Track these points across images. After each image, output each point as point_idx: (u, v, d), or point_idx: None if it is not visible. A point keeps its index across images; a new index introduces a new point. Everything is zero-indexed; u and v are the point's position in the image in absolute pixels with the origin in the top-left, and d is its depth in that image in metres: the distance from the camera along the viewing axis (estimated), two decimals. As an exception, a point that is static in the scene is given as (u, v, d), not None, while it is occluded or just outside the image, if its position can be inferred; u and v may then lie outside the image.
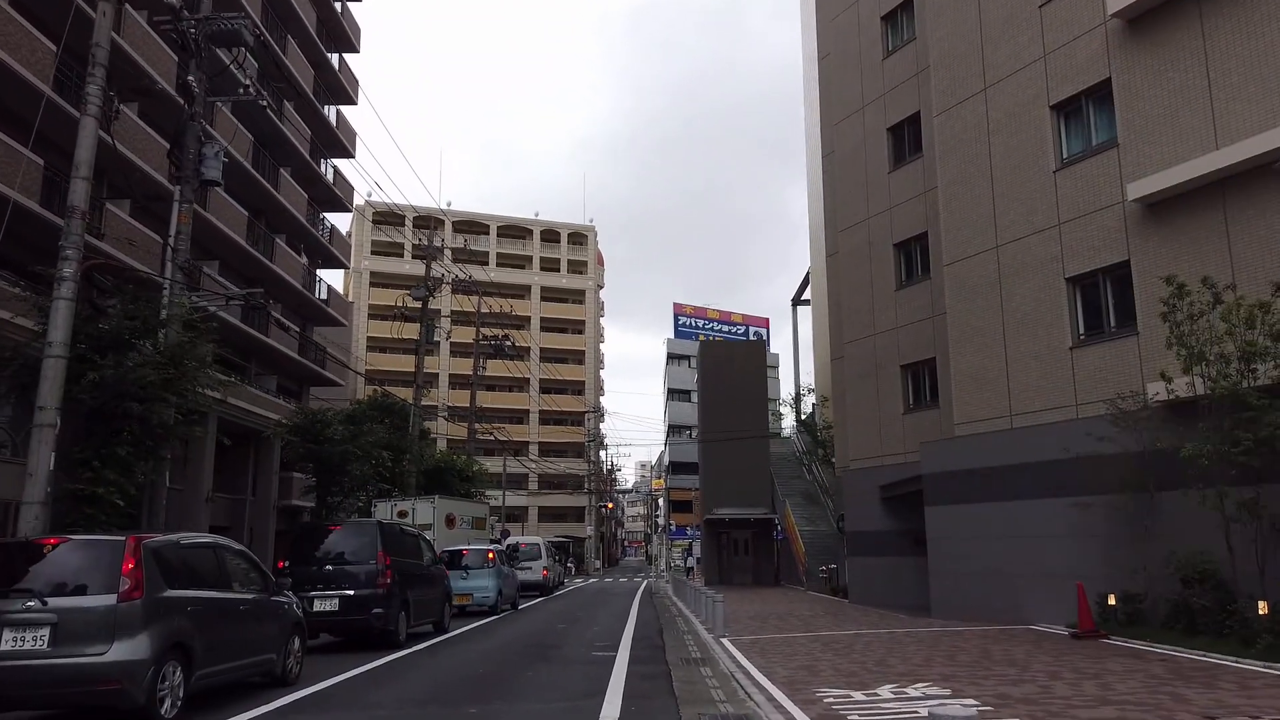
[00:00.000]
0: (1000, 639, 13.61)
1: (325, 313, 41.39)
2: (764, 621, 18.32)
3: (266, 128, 35.27)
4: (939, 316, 21.42)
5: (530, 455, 75.89)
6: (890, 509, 22.82)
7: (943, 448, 18.20)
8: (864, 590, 23.46)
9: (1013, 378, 16.63)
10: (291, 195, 37.24)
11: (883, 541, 22.93)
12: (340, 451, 24.41)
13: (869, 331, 23.81)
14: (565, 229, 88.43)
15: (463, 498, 29.43)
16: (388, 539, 13.65)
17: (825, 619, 18.71)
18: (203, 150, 17.95)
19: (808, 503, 38.89)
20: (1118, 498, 13.83)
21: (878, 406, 23.41)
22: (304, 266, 39.15)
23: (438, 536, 25.06)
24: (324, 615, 13.10)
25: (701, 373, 42.30)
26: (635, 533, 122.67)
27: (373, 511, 25.75)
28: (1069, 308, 15.81)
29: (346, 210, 44.89)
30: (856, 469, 24.03)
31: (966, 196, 17.89)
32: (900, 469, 22.13)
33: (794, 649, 13.07)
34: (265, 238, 35.69)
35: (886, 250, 23.41)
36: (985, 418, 17.13)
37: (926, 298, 22.01)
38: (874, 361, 23.58)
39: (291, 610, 9.89)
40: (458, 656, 12.74)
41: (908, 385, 22.77)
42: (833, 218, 27.36)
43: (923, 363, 22.16)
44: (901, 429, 22.59)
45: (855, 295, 24.46)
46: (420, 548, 15.57)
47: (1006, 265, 16.90)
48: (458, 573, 21.36)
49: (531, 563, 31.48)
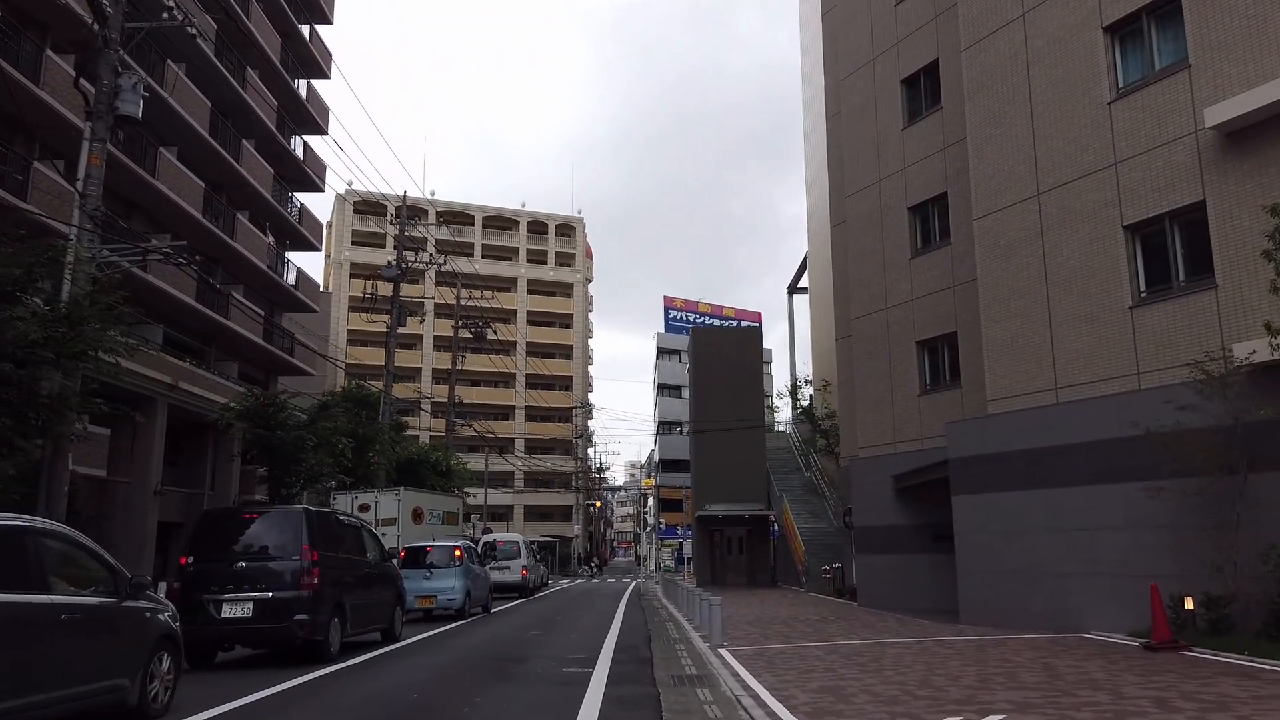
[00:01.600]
0: (1057, 651, 11.29)
1: (293, 297, 38.89)
2: (766, 628, 15.96)
3: (229, 95, 32.78)
4: (962, 285, 19.13)
5: (516, 452, 73.43)
6: (904, 501, 20.50)
7: (973, 428, 15.87)
8: (874, 592, 21.13)
9: (1058, 345, 14.31)
10: (256, 169, 34.73)
11: (896, 537, 20.61)
12: (294, 438, 21.98)
13: (880, 305, 21.50)
14: (553, 220, 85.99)
15: (432, 491, 27.00)
16: (317, 530, 11.23)
17: (836, 625, 16.36)
18: (119, 82, 15.45)
19: (807, 498, 36.56)
20: (1197, 480, 11.51)
21: (890, 388, 21.09)
22: (270, 247, 36.64)
23: (403, 532, 22.70)
24: (234, 623, 10.67)
25: (693, 361, 39.92)
26: (625, 533, 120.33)
27: (331, 504, 23.35)
28: (1128, 260, 13.49)
29: (319, 189, 42.36)
30: (866, 458, 21.70)
31: (1001, 139, 15.57)
32: (916, 456, 19.82)
33: (809, 663, 10.71)
34: (226, 213, 33.21)
35: (900, 214, 21.10)
36: (1024, 392, 14.81)
37: (946, 265, 19.72)
38: (886, 338, 21.26)
39: (157, 620, 7.48)
40: (399, 675, 10.34)
41: (924, 363, 20.45)
42: (839, 184, 25.05)
43: (942, 338, 19.85)
44: (917, 412, 20.27)
45: (864, 266, 22.14)
46: (364, 542, 13.16)
47: (1050, 215, 14.58)
48: (419, 572, 18.98)
49: (510, 562, 29.10)
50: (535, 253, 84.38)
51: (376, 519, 22.93)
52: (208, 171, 31.94)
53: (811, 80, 39.81)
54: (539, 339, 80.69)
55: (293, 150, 39.59)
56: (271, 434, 21.94)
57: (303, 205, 40.41)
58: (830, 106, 26.06)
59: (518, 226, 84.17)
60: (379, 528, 22.93)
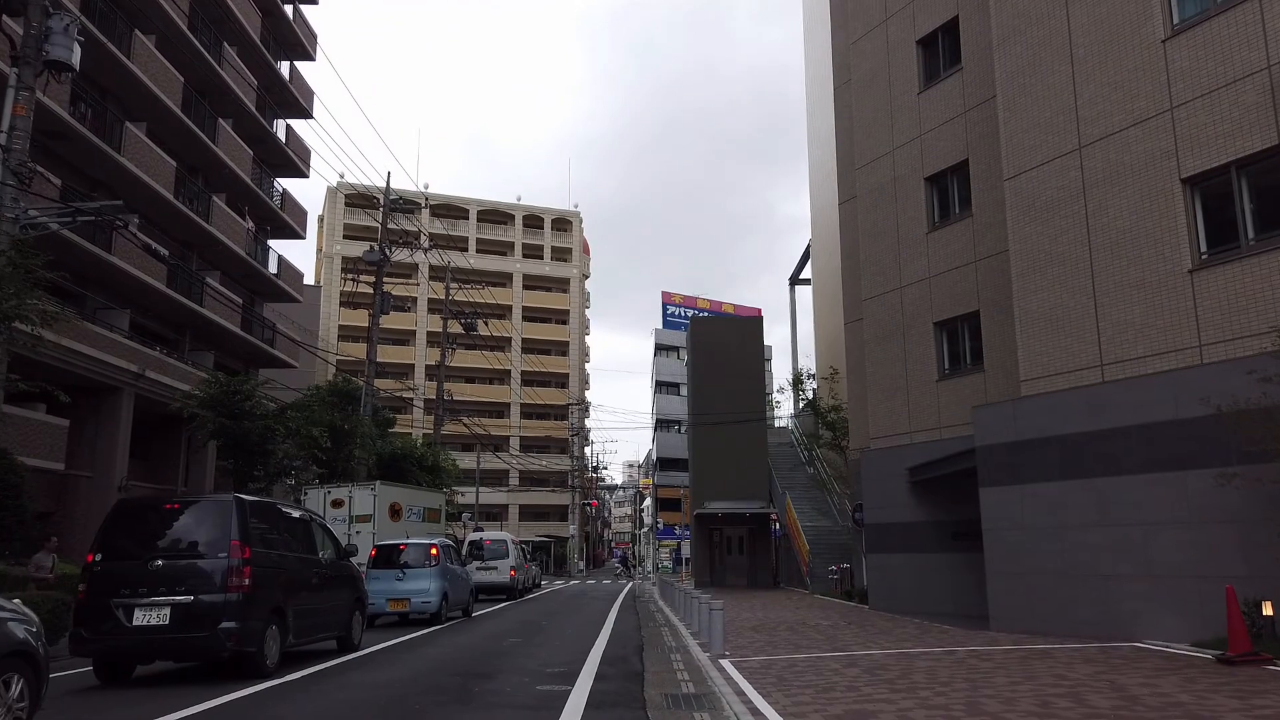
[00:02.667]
0: (1115, 664, 9.65)
1: (275, 286, 37.22)
2: (773, 634, 14.32)
3: (205, 73, 31.14)
4: (985, 260, 17.53)
5: (511, 450, 71.77)
6: (921, 496, 18.87)
7: (1004, 413, 14.22)
8: (887, 594, 19.49)
9: (1104, 316, 12.67)
10: (234, 151, 33.06)
11: (912, 535, 18.98)
12: (261, 428, 20.39)
13: (893, 285, 19.87)
14: (549, 214, 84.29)
15: (414, 486, 25.34)
16: (250, 523, 9.55)
17: (850, 631, 14.72)
18: (49, 24, 13.81)
19: (810, 495, 34.91)
20: (1278, 466, 9.88)
21: (904, 374, 19.47)
22: (250, 232, 34.96)
23: (379, 530, 21.06)
24: (147, 632, 9.00)
25: (692, 352, 38.25)
26: (622, 533, 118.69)
27: (302, 500, 21.73)
28: (1186, 218, 11.86)
29: (303, 175, 40.70)
30: (878, 450, 20.07)
31: (1037, 88, 13.93)
32: (933, 447, 18.20)
33: (827, 680, 9.07)
34: (201, 196, 31.56)
35: (915, 186, 19.48)
36: (1064, 370, 13.17)
37: (966, 239, 18.10)
38: (900, 320, 19.64)
39: (6, 631, 5.83)
40: (338, 695, 8.70)
41: (942, 346, 18.82)
42: (848, 158, 23.42)
43: (962, 318, 18.23)
44: (935, 399, 18.65)
45: (876, 243, 20.51)
46: (314, 538, 11.49)
47: (1094, 170, 12.95)
48: (392, 573, 17.34)
49: (497, 562, 27.46)
50: (531, 247, 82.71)
51: (350, 515, 21.30)
52: (181, 151, 30.32)
53: (815, 54, 38.19)
54: (535, 335, 79.04)
55: (274, 133, 37.95)
56: (237, 423, 20.35)
57: (285, 190, 38.77)
58: (838, 75, 24.43)
59: (513, 221, 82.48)
60: (353, 525, 21.34)
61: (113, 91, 27.45)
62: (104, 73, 26.05)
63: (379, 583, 17.21)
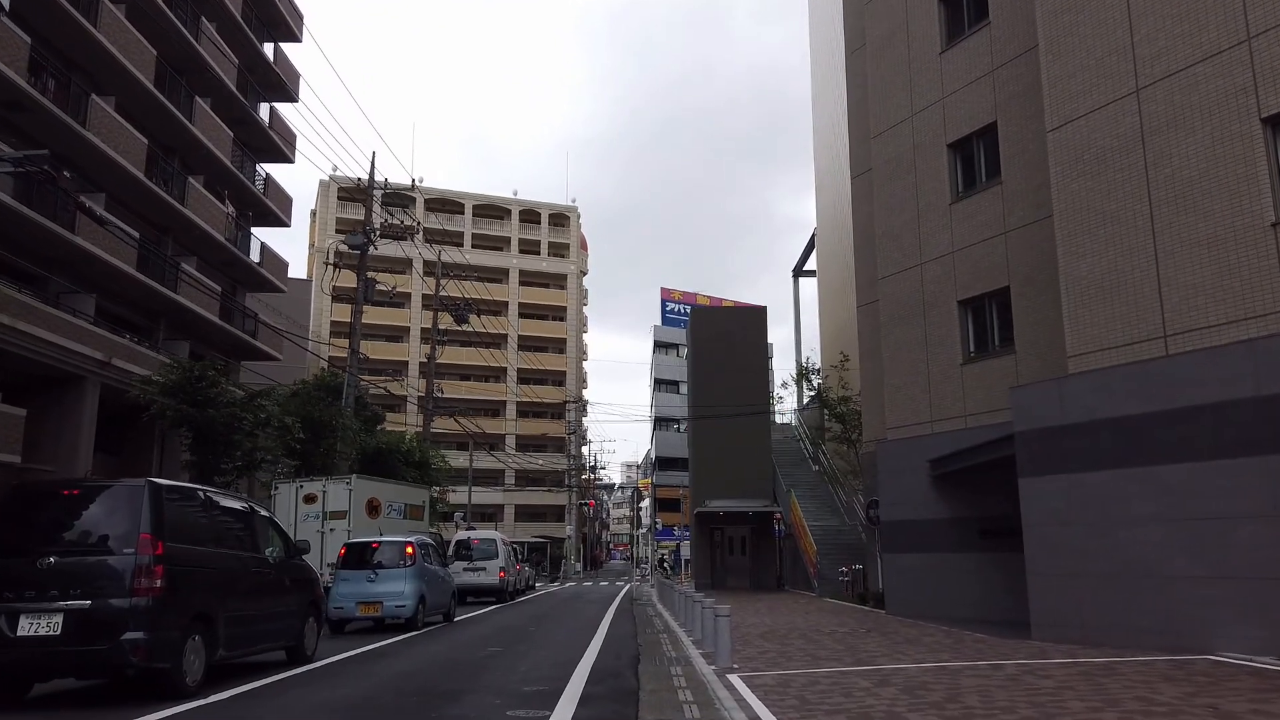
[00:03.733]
0: (1203, 684, 8.07)
1: (258, 275, 35.58)
2: (785, 643, 12.74)
3: (181, 48, 29.53)
4: (1016, 230, 15.97)
5: (507, 449, 70.17)
6: (944, 490, 17.29)
7: (1047, 393, 12.62)
8: (906, 597, 17.89)
9: (1168, 279, 11.09)
10: (212, 131, 31.41)
11: (934, 533, 17.39)
12: (226, 416, 18.81)
13: (913, 261, 18.30)
14: (546, 209, 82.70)
15: (395, 481, 23.74)
16: (166, 513, 7.95)
17: (872, 640, 13.12)
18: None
19: (816, 493, 33.32)
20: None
21: (925, 358, 17.89)
22: (230, 217, 33.34)
23: (355, 527, 19.48)
24: (35, 644, 7.40)
25: (692, 344, 36.65)
26: (621, 535, 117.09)
27: (273, 494, 20.17)
28: (1269, 162, 10.28)
29: (288, 160, 39.04)
30: (896, 441, 18.48)
31: (1085, 26, 12.35)
32: (958, 436, 16.62)
33: (859, 701, 7.48)
34: (176, 178, 29.96)
35: (938, 153, 17.91)
36: (1119, 343, 11.59)
37: (995, 208, 16.53)
38: (920, 300, 18.06)
39: None
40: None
41: (968, 326, 17.25)
42: (861, 128, 21.86)
43: (990, 295, 16.66)
44: (960, 384, 17.07)
45: (893, 217, 18.94)
46: (257, 532, 9.88)
47: (1155, 114, 11.37)
48: (362, 574, 15.75)
49: (486, 563, 25.87)
50: (528, 243, 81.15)
51: (324, 511, 19.72)
52: (155, 130, 28.72)
53: (821, 24, 36.58)
54: (531, 332, 77.43)
55: (257, 116, 36.33)
56: (200, 411, 18.76)
57: (269, 175, 37.17)
58: (851, 41, 22.86)
59: (509, 215, 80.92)
60: (327, 521, 19.77)
61: (79, 64, 25.86)
62: (69, 43, 24.51)
63: (349, 585, 15.64)
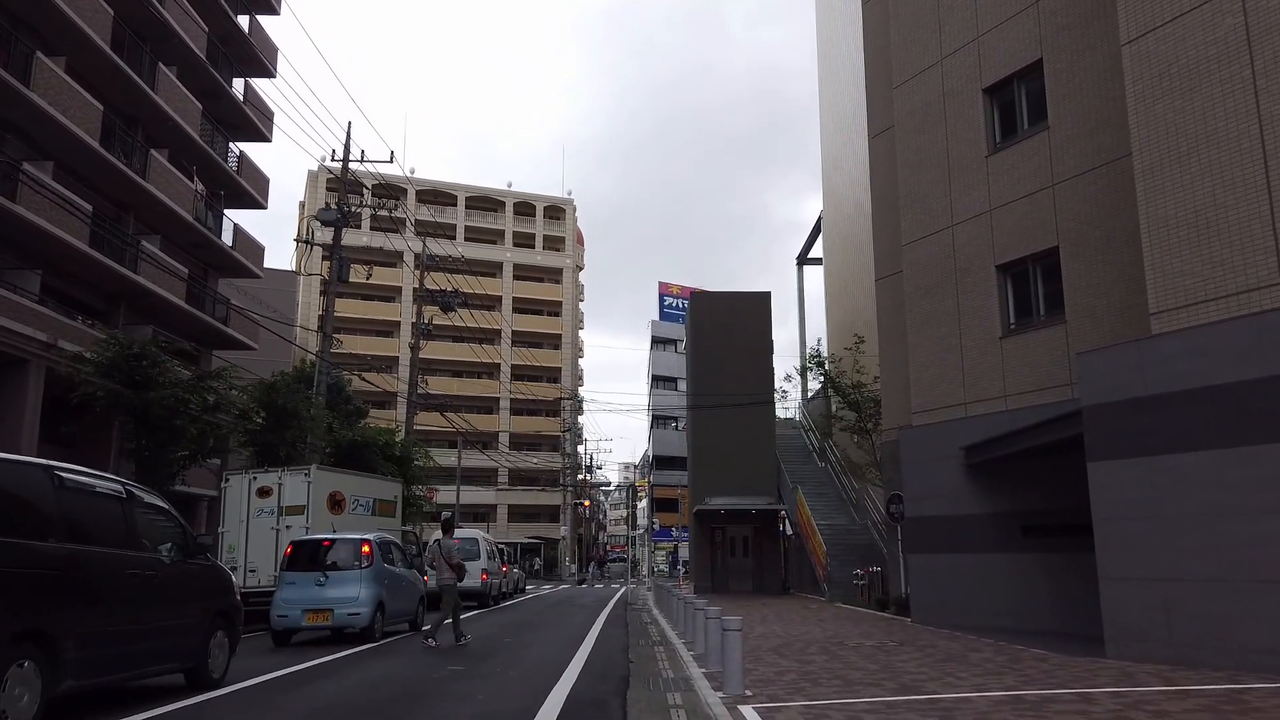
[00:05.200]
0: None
1: (230, 258, 33.47)
2: (804, 659, 10.59)
3: (144, 11, 27.40)
4: (1065, 182, 13.87)
5: (500, 448, 67.96)
6: (979, 481, 15.16)
7: (1124, 359, 10.46)
8: (936, 604, 15.74)
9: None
10: (179, 102, 29.26)
11: (967, 530, 15.25)
12: (168, 398, 16.67)
13: (943, 223, 16.17)
14: (541, 201, 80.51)
15: (364, 473, 21.56)
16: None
17: (907, 655, 10.97)
18: None
19: (824, 491, 31.20)
20: None
21: (957, 331, 15.76)
22: (199, 196, 31.19)
23: (316, 524, 17.30)
24: None
25: (692, 331, 34.46)
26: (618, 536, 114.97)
27: (224, 487, 18.02)
28: None
29: (265, 139, 36.93)
30: (922, 427, 16.34)
31: (1169, -85, 10.23)
32: (997, 420, 14.51)
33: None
34: (138, 150, 27.84)
35: (971, 100, 15.80)
36: (1220, 294, 9.45)
37: (1040, 158, 14.41)
38: (951, 266, 15.94)
39: None
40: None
41: (1007, 294, 15.13)
42: (881, 82, 19.76)
43: (1034, 257, 14.55)
44: (999, 361, 14.94)
45: (920, 175, 16.81)
46: (136, 524, 7.67)
47: (1267, 11, 9.23)
48: (311, 576, 13.59)
49: (467, 564, 23.63)
50: (522, 236, 78.95)
51: (279, 506, 17.54)
52: (115, 97, 26.63)
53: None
54: (526, 327, 75.22)
55: (231, 90, 34.18)
56: (138, 393, 16.61)
57: (243, 153, 35.05)
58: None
59: (503, 208, 78.73)
60: (282, 518, 17.59)
61: (26, 20, 23.72)
62: (14, 0, 22.45)
63: (294, 589, 13.48)
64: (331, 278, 26.78)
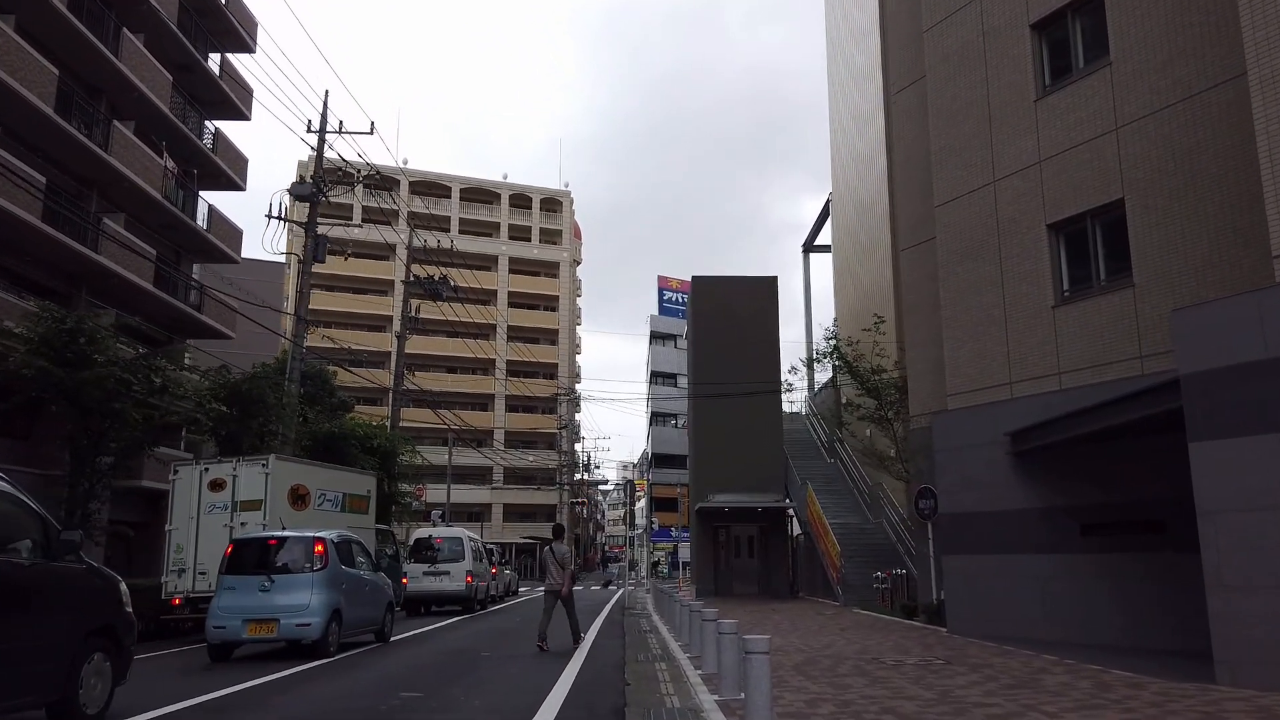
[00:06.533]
0: None
1: (203, 240, 31.45)
2: (837, 682, 8.65)
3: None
4: (1133, 123, 11.97)
5: (495, 445, 65.98)
6: (1028, 472, 13.22)
7: (1237, 314, 8.49)
8: (978, 612, 13.80)
9: None
10: (145, 71, 27.27)
11: (1014, 528, 13.30)
12: (105, 378, 14.73)
13: (983, 178, 14.24)
14: (537, 193, 78.56)
15: (333, 466, 19.58)
16: None
17: (960, 677, 9.03)
18: None
19: (834, 488, 29.28)
20: None
21: (1001, 301, 13.83)
22: (170, 174, 29.19)
23: (274, 521, 15.34)
24: None
25: (694, 317, 32.48)
26: (617, 536, 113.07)
27: (172, 480, 16.07)
28: None
29: (244, 117, 34.94)
30: (959, 411, 14.40)
31: None
32: (1049, 400, 12.59)
33: None
34: (100, 121, 25.92)
35: (1017, 37, 13.88)
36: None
37: (1101, 98, 12.49)
38: (993, 227, 14.02)
39: None
40: None
41: (1060, 256, 13.20)
42: (905, 31, 17.82)
43: (1094, 213, 12.63)
44: (1051, 333, 13.02)
45: (956, 127, 14.88)
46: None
47: None
48: (254, 580, 11.64)
49: (450, 566, 21.76)
50: (518, 229, 76.97)
51: (233, 501, 15.60)
52: (73, 63, 24.71)
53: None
54: (521, 322, 73.24)
55: (206, 64, 32.22)
56: (70, 373, 14.66)
57: (218, 130, 33.07)
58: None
59: (499, 200, 76.74)
60: (237, 514, 15.63)
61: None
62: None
63: (235, 595, 11.53)
64: (307, 257, 24.77)
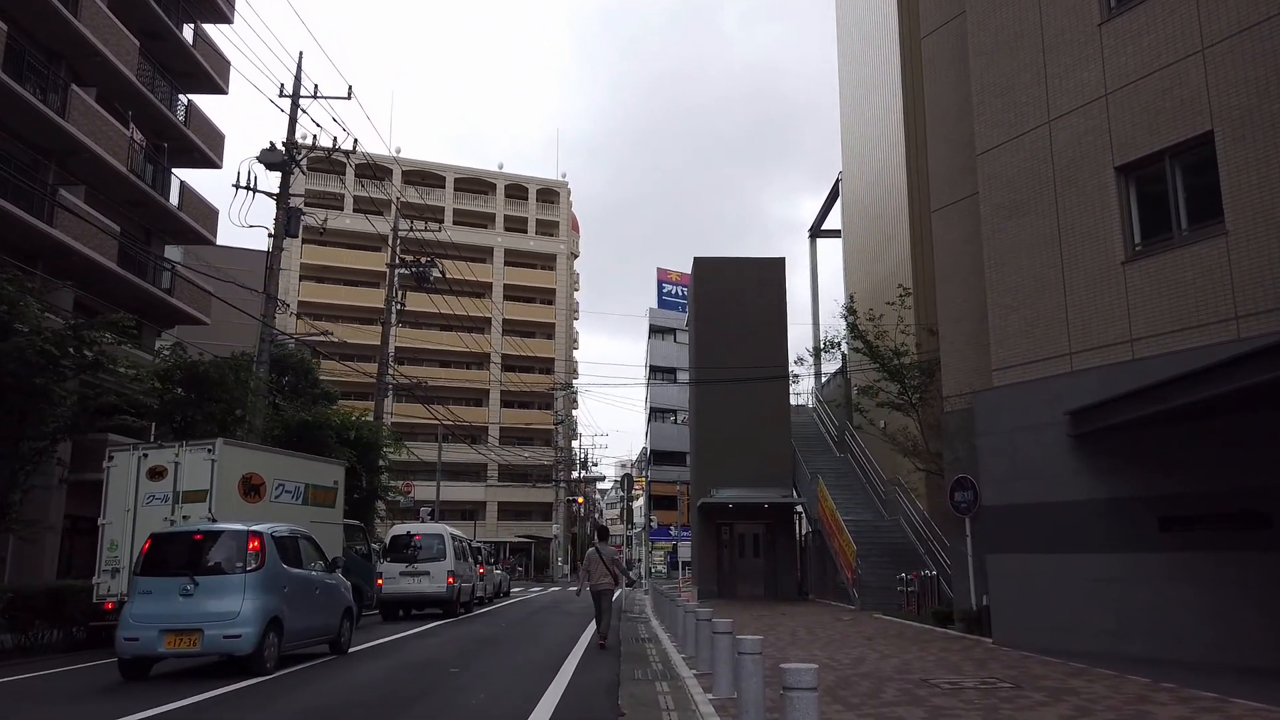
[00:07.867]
0: None
1: (175, 218, 29.45)
2: (884, 714, 6.74)
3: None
4: (1224, 42, 10.11)
5: (490, 442, 64.04)
6: (1092, 457, 11.31)
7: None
8: (1029, 621, 11.88)
9: None
10: (110, 36, 25.27)
11: (1075, 523, 11.38)
12: (24, 348, 12.81)
13: (1036, 119, 12.33)
14: (534, 184, 76.57)
15: (293, 452, 17.62)
16: None
17: (1042, 707, 7.12)
18: None
19: (845, 483, 27.37)
20: None
21: (1058, 259, 11.91)
22: (137, 146, 27.24)
23: (221, 513, 13.39)
24: None
25: (696, 300, 30.52)
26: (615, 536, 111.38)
27: (108, 467, 14.11)
28: None
29: (221, 91, 32.93)
30: (1008, 388, 12.48)
31: None
32: (1118, 372, 10.70)
33: None
34: (57, 85, 24.01)
35: (1076, -46, 11.97)
36: None
37: (1182, 17, 10.59)
38: (1049, 174, 12.10)
39: None
40: None
41: (1130, 203, 11.29)
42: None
43: (1174, 150, 10.73)
44: (1121, 293, 11.10)
45: (1001, 63, 12.97)
46: None
47: None
48: (175, 583, 9.68)
49: (430, 565, 19.85)
50: (514, 220, 75.02)
51: (175, 491, 13.66)
52: (26, 22, 22.83)
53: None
54: (517, 315, 71.33)
55: (179, 32, 30.27)
56: (-15, 346, 12.72)
57: (191, 103, 31.11)
58: None
59: (494, 190, 74.79)
60: (178, 506, 13.70)
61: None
62: None
63: (151, 601, 9.57)
64: (278, 230, 22.81)
